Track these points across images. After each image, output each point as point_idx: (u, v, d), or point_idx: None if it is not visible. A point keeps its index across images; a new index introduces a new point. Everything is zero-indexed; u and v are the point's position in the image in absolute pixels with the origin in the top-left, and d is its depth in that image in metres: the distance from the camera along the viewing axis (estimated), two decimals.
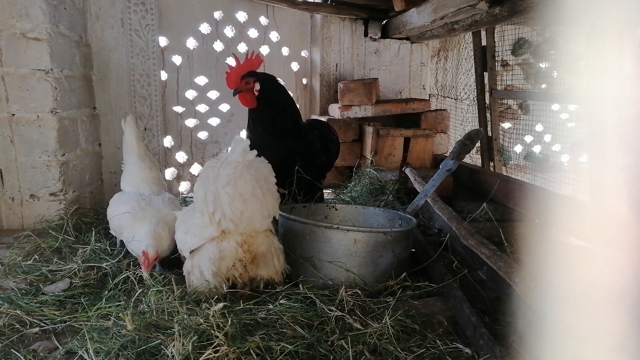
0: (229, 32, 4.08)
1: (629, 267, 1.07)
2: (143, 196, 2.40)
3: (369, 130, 4.06)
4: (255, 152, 1.81)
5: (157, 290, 1.80)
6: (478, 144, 4.51)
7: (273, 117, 2.86)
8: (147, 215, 2.22)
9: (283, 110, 2.90)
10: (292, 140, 2.89)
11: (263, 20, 4.22)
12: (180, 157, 4.06)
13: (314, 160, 3.02)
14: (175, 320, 1.55)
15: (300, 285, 1.96)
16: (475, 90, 4.53)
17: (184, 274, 1.92)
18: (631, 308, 1.08)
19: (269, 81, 2.90)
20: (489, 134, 4.41)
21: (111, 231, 2.40)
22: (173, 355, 1.38)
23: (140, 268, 2.04)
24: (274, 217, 1.92)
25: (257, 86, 2.82)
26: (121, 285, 1.96)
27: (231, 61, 2.86)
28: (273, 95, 2.88)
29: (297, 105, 3.18)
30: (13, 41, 2.65)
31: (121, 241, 2.35)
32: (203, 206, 1.79)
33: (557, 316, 1.29)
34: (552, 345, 1.23)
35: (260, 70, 2.94)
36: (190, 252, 1.88)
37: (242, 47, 4.12)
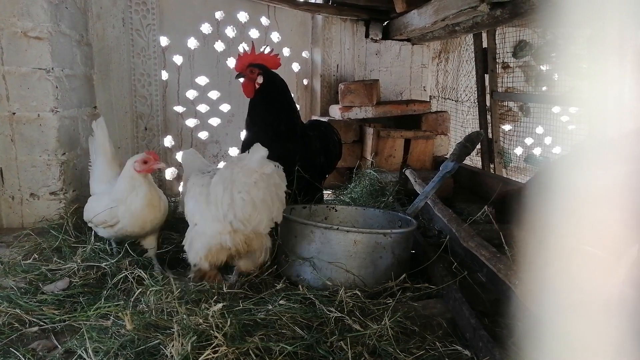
0: (230, 32, 4.08)
1: (629, 274, 1.07)
2: None
3: (370, 131, 4.06)
4: (272, 164, 1.96)
5: (156, 290, 1.80)
6: (478, 146, 4.51)
7: (268, 117, 2.86)
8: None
9: (279, 112, 2.89)
10: (289, 141, 2.89)
11: (264, 20, 4.23)
12: (181, 157, 4.06)
13: (313, 161, 3.02)
14: (174, 320, 1.55)
15: (300, 286, 1.96)
16: (476, 92, 4.53)
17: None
18: (630, 315, 1.08)
19: (272, 79, 2.89)
20: (490, 136, 4.41)
21: (98, 227, 2.30)
22: (172, 355, 1.38)
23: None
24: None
25: (260, 79, 2.82)
26: (120, 285, 1.97)
27: (245, 47, 2.89)
28: (272, 94, 2.87)
29: (298, 106, 3.17)
30: (14, 40, 2.65)
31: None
32: (219, 204, 1.95)
33: (556, 320, 1.29)
34: (551, 348, 1.23)
35: None
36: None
37: (243, 48, 4.13)
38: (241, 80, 2.86)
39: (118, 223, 2.21)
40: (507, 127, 4.75)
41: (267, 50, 2.93)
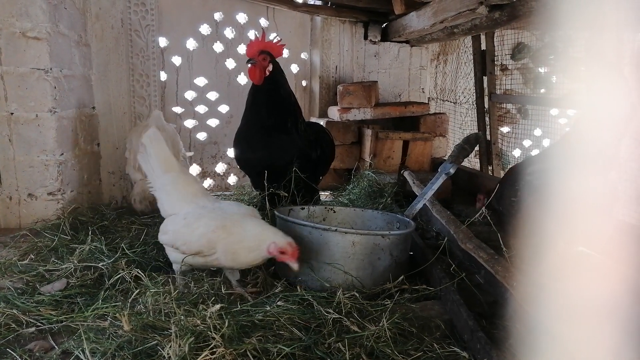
0: (229, 33, 4.08)
1: (625, 277, 1.07)
2: (214, 208, 2.05)
3: (368, 132, 4.06)
4: (169, 124, 3.11)
5: (154, 291, 1.80)
6: (477, 148, 4.51)
7: (275, 104, 2.88)
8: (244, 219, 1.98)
9: (283, 100, 2.93)
10: (291, 132, 2.91)
11: (263, 22, 4.23)
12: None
13: (310, 154, 3.03)
14: (172, 321, 1.55)
15: (298, 287, 1.96)
16: (475, 94, 4.53)
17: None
18: (625, 319, 1.09)
19: (279, 67, 2.94)
20: (488, 137, 4.42)
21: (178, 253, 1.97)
22: (169, 357, 1.38)
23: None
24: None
25: (270, 67, 2.86)
26: (118, 286, 1.96)
27: (252, 35, 3.08)
28: (279, 81, 2.92)
29: None
30: (13, 40, 2.65)
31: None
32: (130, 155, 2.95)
33: (553, 322, 1.29)
34: (548, 350, 1.23)
35: None
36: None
37: (242, 49, 4.13)
38: (249, 66, 2.87)
39: (214, 254, 1.92)
40: (505, 129, 4.75)
41: (277, 39, 2.97)
